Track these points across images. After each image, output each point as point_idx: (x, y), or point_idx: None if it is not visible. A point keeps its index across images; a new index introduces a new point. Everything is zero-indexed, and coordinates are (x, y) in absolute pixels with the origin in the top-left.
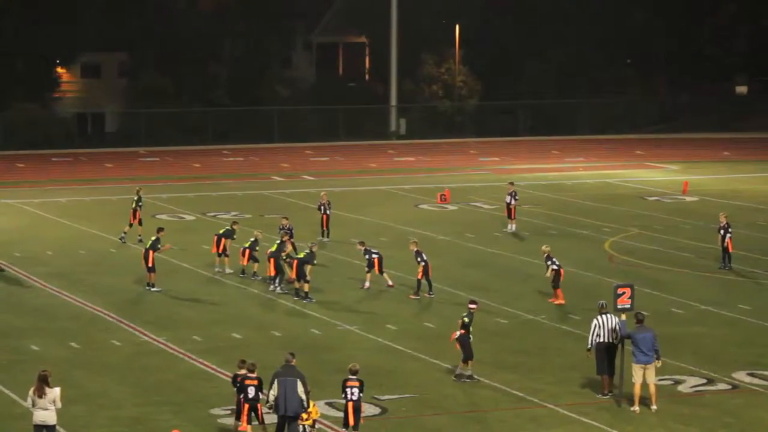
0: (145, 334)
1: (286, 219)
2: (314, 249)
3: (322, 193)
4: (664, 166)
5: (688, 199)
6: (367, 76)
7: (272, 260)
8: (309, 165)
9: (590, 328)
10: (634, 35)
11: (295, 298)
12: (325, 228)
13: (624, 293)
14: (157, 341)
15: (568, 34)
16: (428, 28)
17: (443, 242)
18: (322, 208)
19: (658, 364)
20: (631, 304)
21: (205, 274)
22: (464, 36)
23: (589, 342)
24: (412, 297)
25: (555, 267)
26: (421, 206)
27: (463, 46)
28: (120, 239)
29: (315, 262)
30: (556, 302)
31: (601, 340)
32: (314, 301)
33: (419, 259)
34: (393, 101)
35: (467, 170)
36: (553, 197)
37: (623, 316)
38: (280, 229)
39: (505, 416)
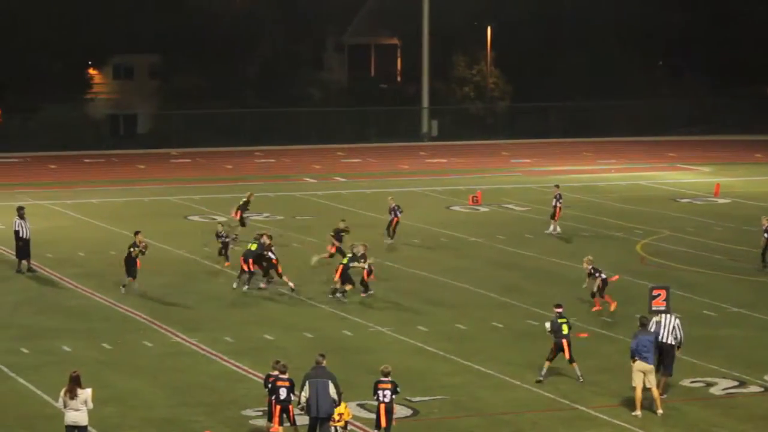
0: (177, 335)
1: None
2: (356, 251)
3: (390, 198)
4: (696, 168)
5: (720, 201)
6: (398, 78)
7: (251, 260)
8: (341, 166)
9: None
10: (667, 37)
11: (330, 297)
12: (392, 230)
13: (659, 295)
14: (189, 342)
15: (600, 35)
16: (460, 29)
17: (474, 244)
18: (393, 212)
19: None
20: (667, 306)
21: (236, 275)
22: (496, 37)
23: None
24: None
25: (603, 277)
26: (453, 208)
27: (495, 48)
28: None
29: (362, 262)
30: (611, 307)
31: (661, 339)
32: (345, 301)
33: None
34: (425, 103)
35: (499, 172)
36: (585, 199)
37: (657, 318)
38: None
39: (536, 418)
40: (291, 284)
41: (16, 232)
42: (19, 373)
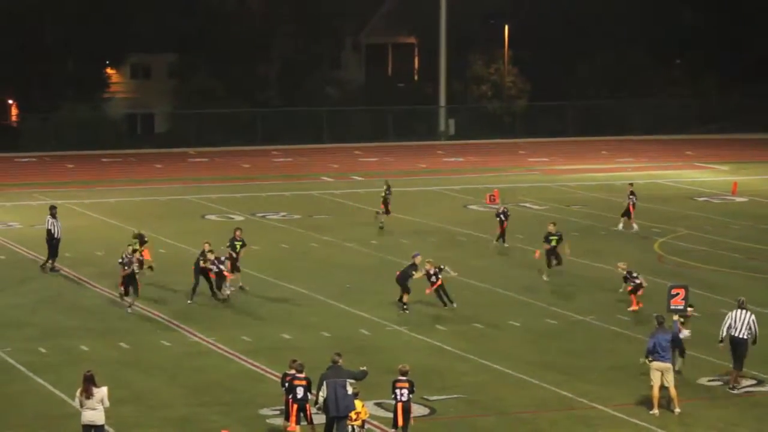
0: (195, 335)
1: (240, 230)
2: (416, 260)
3: (501, 206)
4: (714, 167)
5: (738, 199)
6: (416, 77)
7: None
8: (358, 165)
9: (723, 321)
10: (684, 35)
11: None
12: (501, 234)
13: (678, 294)
14: (207, 342)
15: (617, 33)
16: (477, 28)
17: (492, 242)
18: (502, 216)
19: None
20: (685, 306)
21: (253, 274)
22: (513, 36)
23: (721, 334)
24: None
25: (638, 281)
26: (470, 207)
27: (512, 47)
28: (380, 228)
29: (414, 273)
30: (633, 307)
31: (734, 333)
32: (407, 312)
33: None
34: (442, 102)
35: (516, 171)
36: (603, 198)
37: (675, 317)
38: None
39: (554, 417)
40: (228, 288)
41: (49, 231)
42: (37, 372)
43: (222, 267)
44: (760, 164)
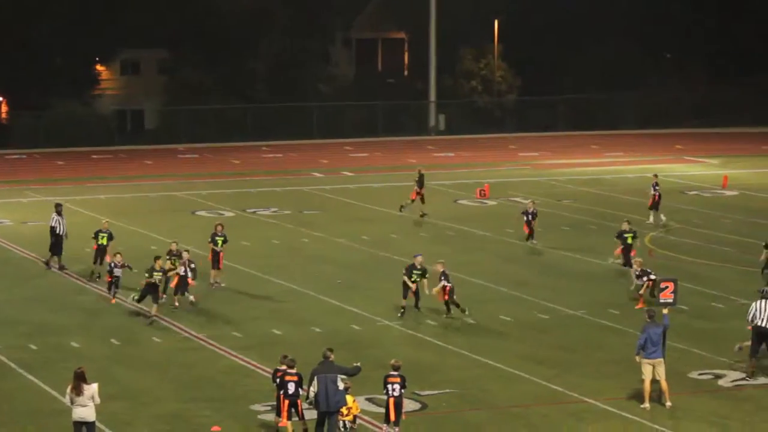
0: (186, 331)
1: (221, 225)
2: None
3: (529, 201)
4: (704, 161)
5: (728, 193)
6: (406, 72)
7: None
8: (348, 161)
9: (748, 311)
10: (674, 29)
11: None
12: (530, 233)
13: (667, 287)
14: (198, 338)
15: (607, 28)
16: (467, 23)
17: (482, 237)
18: (530, 216)
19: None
20: (674, 299)
21: (244, 270)
22: (503, 31)
23: (748, 323)
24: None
25: (653, 277)
26: (461, 201)
27: (502, 42)
28: (400, 209)
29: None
30: (639, 305)
31: (758, 323)
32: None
33: (444, 281)
34: (432, 97)
35: (506, 165)
36: (593, 192)
37: (665, 311)
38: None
39: (545, 411)
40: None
41: (53, 228)
42: (28, 369)
43: (189, 272)
44: (750, 158)
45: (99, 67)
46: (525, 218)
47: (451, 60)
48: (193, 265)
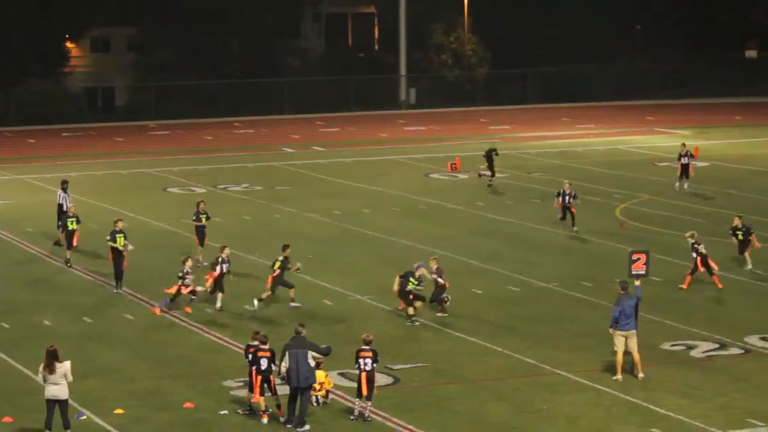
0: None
1: (203, 202)
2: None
3: (566, 183)
4: (675, 132)
5: (700, 164)
6: (376, 47)
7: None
8: (319, 136)
9: None
10: (646, 1)
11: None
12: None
13: (639, 259)
14: (170, 315)
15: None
16: None
17: (454, 211)
18: (566, 198)
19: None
20: (647, 270)
21: (216, 247)
22: (473, 4)
23: None
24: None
25: (703, 252)
26: (432, 175)
27: (472, 15)
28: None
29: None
30: (683, 285)
31: None
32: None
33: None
34: (402, 71)
35: (477, 139)
36: (564, 164)
37: (637, 282)
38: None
39: (518, 384)
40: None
41: (60, 206)
42: (0, 348)
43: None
44: (721, 128)
45: (69, 45)
46: (560, 200)
47: (421, 34)
48: (227, 265)
